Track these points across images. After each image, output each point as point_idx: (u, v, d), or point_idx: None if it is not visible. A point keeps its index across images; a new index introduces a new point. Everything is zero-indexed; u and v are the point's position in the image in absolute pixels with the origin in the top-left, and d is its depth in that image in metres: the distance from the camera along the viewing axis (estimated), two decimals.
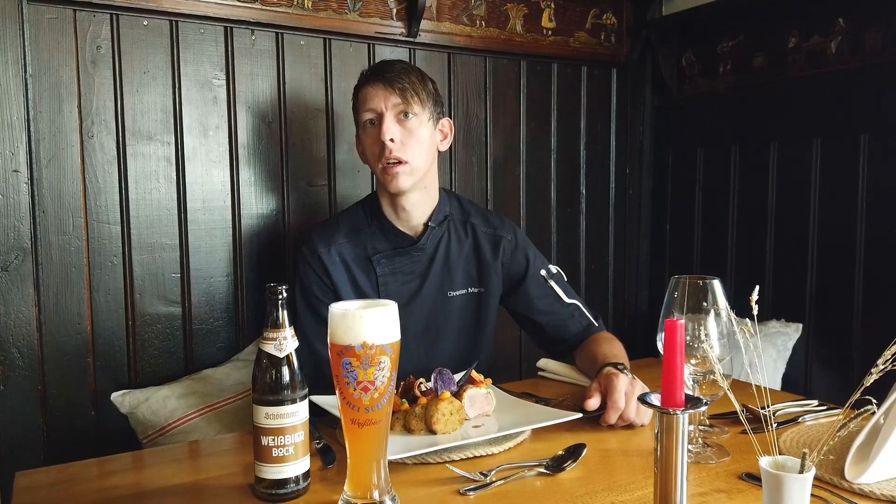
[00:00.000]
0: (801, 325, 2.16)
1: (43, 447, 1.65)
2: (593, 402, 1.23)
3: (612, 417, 1.20)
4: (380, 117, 1.43)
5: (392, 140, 1.41)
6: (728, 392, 0.80)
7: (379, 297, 1.48)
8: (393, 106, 1.42)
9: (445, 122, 1.54)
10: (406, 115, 1.43)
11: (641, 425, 1.23)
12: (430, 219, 1.53)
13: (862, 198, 2.01)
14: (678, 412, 0.76)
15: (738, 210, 2.38)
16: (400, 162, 1.42)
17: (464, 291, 1.55)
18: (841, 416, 0.76)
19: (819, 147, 2.11)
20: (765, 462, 0.73)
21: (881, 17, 1.92)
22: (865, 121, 1.99)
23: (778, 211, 2.25)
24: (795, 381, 2.15)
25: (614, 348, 1.50)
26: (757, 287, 0.83)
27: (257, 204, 1.89)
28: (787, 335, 2.13)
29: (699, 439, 1.12)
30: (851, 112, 2.02)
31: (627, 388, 1.22)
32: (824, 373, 2.14)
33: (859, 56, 1.98)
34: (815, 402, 1.34)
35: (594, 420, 1.23)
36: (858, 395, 0.71)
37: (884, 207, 1.97)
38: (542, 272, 1.60)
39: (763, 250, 2.29)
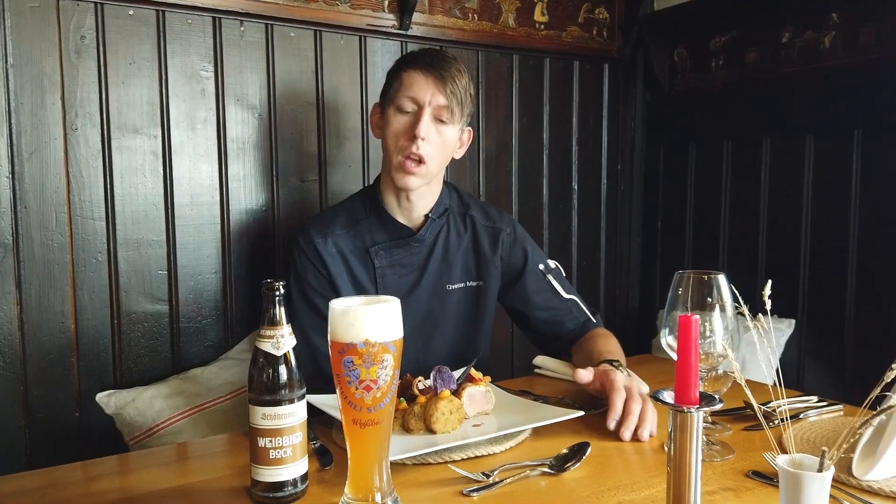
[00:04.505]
0: (793, 321, 2.16)
1: (25, 450, 1.60)
2: (584, 373, 1.22)
3: (619, 403, 1.15)
4: (419, 110, 1.39)
5: (423, 139, 1.37)
6: (745, 389, 0.78)
7: (377, 290, 1.46)
8: (436, 105, 1.39)
9: (467, 132, 1.51)
10: (443, 119, 1.40)
11: (651, 435, 1.15)
12: (430, 211, 1.51)
13: (855, 193, 2.01)
14: (693, 410, 0.73)
15: (731, 206, 2.38)
16: (421, 161, 1.39)
17: (462, 285, 1.53)
18: (858, 414, 0.74)
19: (812, 142, 2.11)
20: (783, 460, 0.71)
21: (874, 12, 1.92)
22: (859, 116, 1.99)
23: (770, 206, 2.25)
24: (788, 377, 2.14)
25: (609, 344, 1.49)
26: (769, 282, 0.81)
27: (246, 199, 1.85)
28: (781, 331, 2.13)
29: (703, 437, 1.10)
30: (845, 107, 2.02)
31: (627, 382, 1.20)
32: (817, 368, 2.14)
33: (853, 51, 1.98)
34: (815, 398, 1.33)
35: (595, 418, 1.21)
36: (879, 390, 0.69)
37: (877, 203, 1.97)
38: (541, 266, 1.59)
39: (755, 246, 2.29)
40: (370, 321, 0.83)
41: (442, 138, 1.41)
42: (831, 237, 2.07)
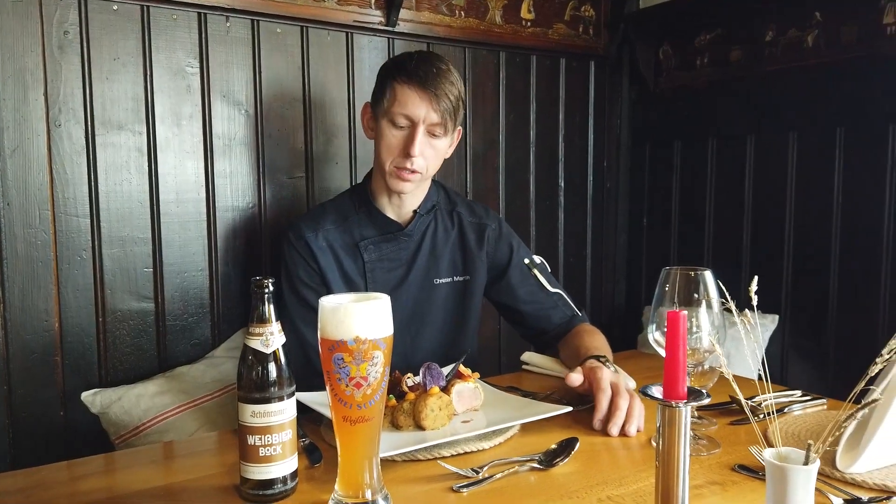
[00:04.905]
0: (777, 317, 2.18)
1: (9, 450, 1.59)
2: (576, 376, 1.23)
3: (604, 403, 1.17)
4: (413, 127, 1.39)
5: (417, 156, 1.40)
6: (733, 383, 0.79)
7: (366, 284, 1.48)
8: (430, 123, 1.40)
9: (457, 131, 1.51)
10: (436, 134, 1.42)
11: (638, 430, 1.16)
12: (418, 207, 1.53)
13: (838, 190, 2.03)
14: (681, 405, 0.74)
15: (715, 203, 2.40)
16: (415, 172, 1.41)
17: (449, 279, 1.56)
18: (843, 408, 0.75)
19: (795, 140, 2.13)
20: (769, 454, 0.72)
21: (857, 11, 1.95)
22: (841, 114, 2.01)
23: (755, 204, 2.27)
24: (772, 371, 2.16)
25: (596, 340, 1.50)
26: (756, 278, 0.82)
27: (233, 196, 1.84)
28: (764, 326, 2.16)
29: (690, 431, 1.11)
30: (827, 105, 2.04)
31: (613, 379, 1.21)
32: (799, 363, 2.17)
33: (835, 50, 2.00)
34: (799, 393, 1.35)
35: (583, 414, 1.22)
36: (863, 384, 0.71)
37: (859, 200, 1.99)
38: (526, 261, 1.62)
39: (740, 243, 2.31)
40: (360, 318, 0.83)
41: (435, 150, 1.44)
42: (814, 233, 2.10)
